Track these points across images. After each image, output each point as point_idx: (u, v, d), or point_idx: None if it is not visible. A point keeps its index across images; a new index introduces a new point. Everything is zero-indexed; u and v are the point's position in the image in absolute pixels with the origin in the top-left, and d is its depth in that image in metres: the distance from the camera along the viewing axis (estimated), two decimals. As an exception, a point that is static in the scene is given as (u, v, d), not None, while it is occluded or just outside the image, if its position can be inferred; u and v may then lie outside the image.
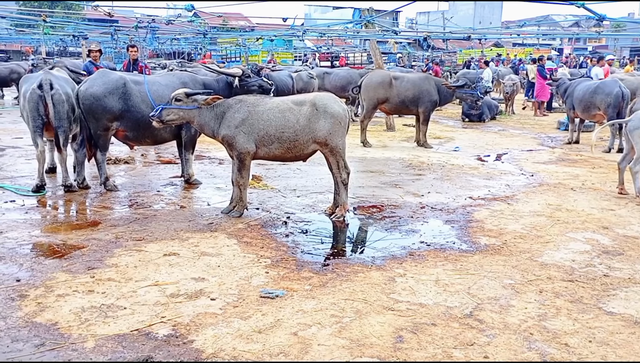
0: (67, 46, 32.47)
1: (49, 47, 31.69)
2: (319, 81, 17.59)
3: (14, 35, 25.29)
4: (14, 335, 4.10)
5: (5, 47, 41.42)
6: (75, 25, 18.05)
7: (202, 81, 8.57)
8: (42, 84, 7.86)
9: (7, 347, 3.93)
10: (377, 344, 4.04)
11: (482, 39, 25.07)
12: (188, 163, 8.86)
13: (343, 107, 7.16)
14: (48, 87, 7.86)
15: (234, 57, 36.25)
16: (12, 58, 32.60)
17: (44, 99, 7.85)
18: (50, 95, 7.86)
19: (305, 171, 9.89)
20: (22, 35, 26.31)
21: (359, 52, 41.70)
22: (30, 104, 7.90)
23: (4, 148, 11.99)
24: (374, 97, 13.04)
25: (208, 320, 4.38)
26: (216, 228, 6.71)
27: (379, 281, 5.21)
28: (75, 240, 6.25)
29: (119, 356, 3.84)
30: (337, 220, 7.16)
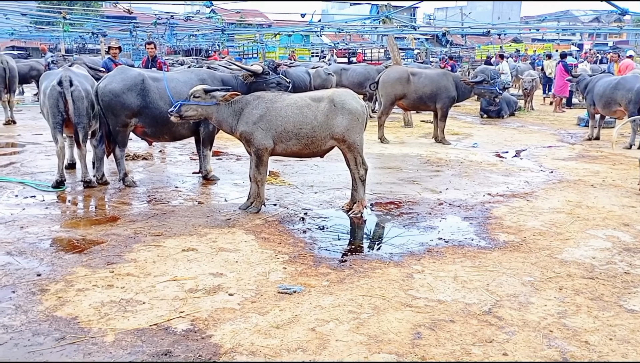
0: (86, 43, 32.76)
1: (68, 45, 32.00)
2: (336, 77, 17.55)
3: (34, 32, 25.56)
4: (34, 328, 4.15)
5: (25, 44, 41.89)
6: (94, 22, 18.18)
7: (221, 77, 8.60)
8: (62, 80, 7.94)
9: (28, 341, 3.97)
10: (395, 340, 4.03)
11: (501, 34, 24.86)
12: (206, 159, 8.90)
13: (361, 103, 7.14)
14: (68, 83, 7.93)
15: (251, 54, 36.32)
16: (31, 55, 32.96)
17: (63, 95, 7.93)
18: (70, 92, 7.93)
19: (322, 168, 9.89)
20: (42, 33, 26.59)
21: (376, 48, 41.60)
22: (50, 101, 7.98)
23: (24, 144, 12.13)
24: (391, 93, 12.99)
25: (226, 315, 4.40)
26: (234, 224, 6.73)
27: (396, 277, 5.19)
28: (94, 235, 6.31)
29: (138, 350, 3.87)
30: (354, 216, 7.15)
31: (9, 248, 5.83)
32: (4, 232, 6.32)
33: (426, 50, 33.52)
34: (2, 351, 3.83)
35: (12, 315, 4.34)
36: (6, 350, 3.84)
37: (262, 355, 3.82)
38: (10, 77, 14.96)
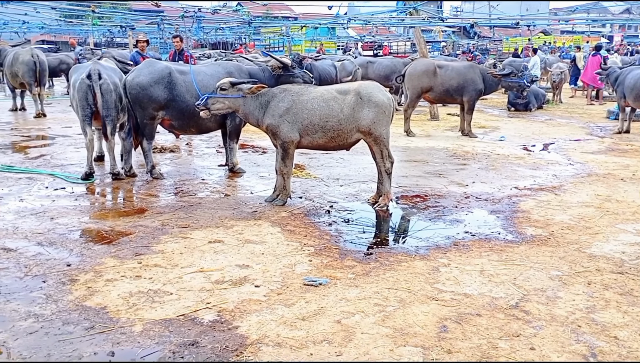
0: (114, 37, 33.11)
1: (97, 38, 32.40)
2: (362, 70, 17.48)
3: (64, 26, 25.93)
4: (65, 318, 4.22)
5: (54, 38, 42.52)
6: (122, 16, 18.38)
7: (248, 70, 8.63)
8: (90, 74, 8.04)
9: (59, 330, 4.05)
10: (421, 333, 4.01)
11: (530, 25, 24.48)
12: (232, 151, 8.95)
13: (388, 96, 7.10)
14: (96, 77, 8.03)
15: (277, 47, 36.36)
16: (61, 49, 33.44)
17: (92, 88, 8.03)
18: (98, 85, 8.03)
19: (348, 160, 9.87)
20: (71, 27, 26.95)
21: (402, 41, 41.30)
22: (79, 94, 8.10)
23: (54, 137, 12.34)
24: (417, 86, 12.90)
25: (252, 307, 4.43)
26: (260, 216, 6.77)
27: (422, 270, 5.17)
28: (122, 226, 6.39)
29: (166, 340, 3.91)
30: (380, 209, 7.13)
31: (40, 238, 5.95)
32: (35, 223, 6.44)
33: (453, 42, 33.20)
34: (33, 339, 3.91)
35: (43, 305, 4.43)
36: (37, 339, 3.92)
37: (288, 347, 3.84)
38: (40, 71, 15.21)
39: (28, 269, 5.12)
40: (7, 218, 6.62)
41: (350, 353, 3.76)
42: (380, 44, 39.18)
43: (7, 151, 10.75)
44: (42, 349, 3.78)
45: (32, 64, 15.01)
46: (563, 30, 54.37)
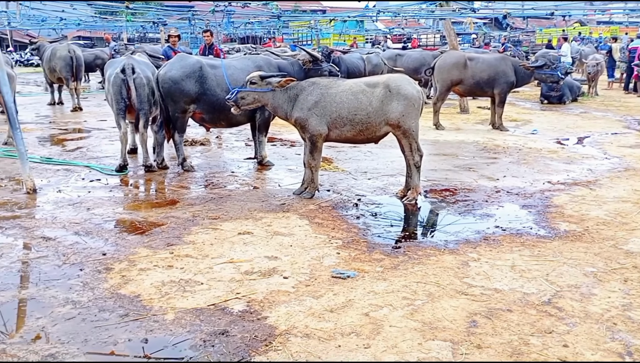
0: (147, 32, 33.53)
1: (130, 34, 32.86)
2: (391, 63, 17.40)
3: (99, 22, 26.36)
4: (100, 305, 4.34)
5: (90, 34, 43.23)
6: (155, 11, 18.62)
7: (277, 64, 8.68)
8: (124, 68, 8.20)
9: (95, 316, 4.16)
10: (450, 328, 4.02)
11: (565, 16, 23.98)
12: (261, 145, 9.03)
13: (417, 88, 7.08)
14: (130, 71, 8.18)
15: (306, 41, 36.36)
16: (96, 45, 33.99)
17: (126, 82, 8.19)
18: (132, 79, 8.18)
19: (376, 154, 9.87)
20: (106, 23, 27.38)
21: (432, 33, 40.93)
22: (114, 88, 8.26)
23: (89, 130, 12.60)
24: (447, 78, 12.80)
25: (281, 298, 4.48)
26: (288, 209, 6.82)
27: (451, 265, 5.16)
28: (155, 217, 6.51)
29: (197, 329, 4.00)
30: (408, 203, 7.12)
31: (77, 228, 6.10)
32: (72, 213, 6.61)
33: (484, 34, 32.79)
34: (71, 325, 4.03)
35: (80, 292, 4.56)
36: (75, 325, 4.04)
37: (316, 338, 3.88)
38: (77, 66, 15.55)
39: (66, 257, 5.27)
40: (46, 208, 6.81)
41: (378, 345, 3.79)
42: (409, 36, 38.93)
43: (46, 144, 11.03)
44: (80, 335, 3.90)
45: (69, 60, 15.36)
46: (600, 21, 53.15)
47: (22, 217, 6.50)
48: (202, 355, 3.67)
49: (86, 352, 3.70)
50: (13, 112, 7.58)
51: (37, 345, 3.79)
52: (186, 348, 3.76)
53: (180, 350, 3.75)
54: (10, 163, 9.10)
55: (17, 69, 18.60)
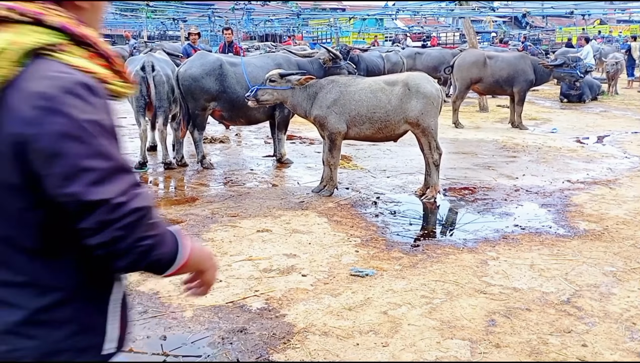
0: (167, 30, 33.76)
1: (150, 31, 33.10)
2: (410, 61, 17.33)
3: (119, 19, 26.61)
4: (120, 301, 4.37)
5: (110, 31, 43.62)
6: (175, 8, 18.75)
7: (297, 62, 8.69)
8: (144, 66, 8.25)
9: (114, 312, 4.19)
10: (469, 327, 3.99)
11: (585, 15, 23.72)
12: (280, 142, 9.04)
13: (436, 87, 7.05)
14: (150, 68, 8.24)
15: (325, 39, 36.37)
16: (116, 42, 34.27)
17: (146, 80, 8.24)
18: (152, 76, 8.23)
19: (395, 152, 9.84)
20: (126, 20, 27.61)
21: (451, 31, 40.68)
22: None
23: (109, 127, 12.67)
24: (467, 77, 12.72)
25: (299, 296, 4.49)
26: (307, 207, 6.83)
27: (470, 263, 5.13)
28: (174, 214, 6.55)
29: (215, 326, 4.01)
30: (427, 201, 7.09)
31: (96, 225, 6.14)
32: (91, 210, 6.66)
33: (504, 32, 32.52)
34: (90, 321, 4.06)
35: (99, 288, 4.59)
36: (94, 321, 4.07)
37: (335, 336, 3.88)
38: (96, 64, 15.63)
39: (85, 254, 5.31)
40: (65, 205, 6.87)
41: (396, 344, 3.78)
42: (429, 34, 38.74)
43: (64, 141, 11.12)
44: (99, 331, 3.92)
45: (88, 57, 15.45)
46: (620, 20, 52.46)
47: (44, 213, 6.56)
48: (221, 353, 3.69)
49: (106, 347, 3.72)
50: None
51: (58, 339, 3.82)
52: (204, 346, 3.78)
53: (199, 347, 3.77)
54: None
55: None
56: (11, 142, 1.32)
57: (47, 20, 1.37)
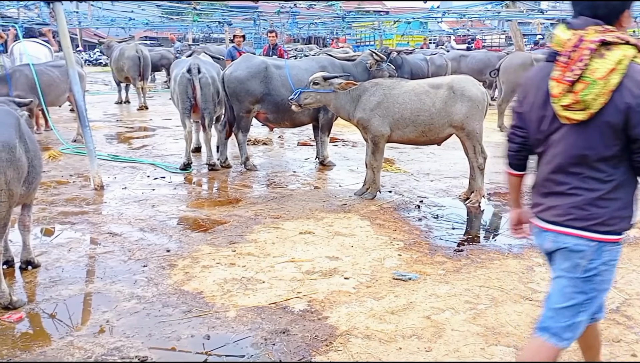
0: (211, 32, 34.23)
1: (195, 34, 33.64)
2: (454, 64, 17.13)
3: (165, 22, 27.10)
4: (164, 300, 4.44)
5: (156, 34, 44.49)
6: (221, 12, 19.00)
7: (341, 64, 8.69)
8: (190, 68, 8.38)
9: (159, 312, 4.26)
10: (514, 333, 3.91)
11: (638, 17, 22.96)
12: (323, 145, 9.06)
13: (482, 90, 6.94)
14: (196, 71, 8.36)
15: (368, 42, 36.27)
16: (162, 45, 34.92)
17: (192, 82, 8.37)
18: (197, 78, 8.35)
19: (438, 155, 9.73)
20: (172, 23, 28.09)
21: (496, 34, 40.03)
22: (180, 87, 8.46)
23: (155, 129, 12.95)
24: (513, 80, 12.48)
25: (342, 298, 4.47)
26: (349, 209, 6.81)
27: (516, 269, 5.03)
28: (218, 215, 6.63)
29: (258, 327, 4.03)
30: (471, 206, 6.99)
31: (142, 224, 6.28)
32: (138, 210, 6.80)
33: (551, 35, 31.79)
34: (136, 320, 4.14)
35: (145, 287, 4.68)
36: (139, 319, 4.15)
37: (377, 339, 3.85)
38: (144, 66, 15.99)
39: (131, 253, 5.43)
40: (112, 205, 7.04)
41: (439, 349, 3.73)
42: (474, 37, 38.21)
43: (113, 141, 11.41)
44: (144, 329, 4.00)
45: (136, 59, 15.82)
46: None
47: (90, 213, 6.73)
48: (263, 353, 3.71)
49: (150, 346, 3.79)
50: (83, 111, 7.87)
51: (102, 338, 3.90)
52: (247, 346, 3.80)
53: (242, 347, 3.80)
54: (79, 159, 9.45)
55: (86, 68, 19.30)
56: (624, 107, 2.35)
57: (630, 40, 2.37)
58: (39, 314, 4.28)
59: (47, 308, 4.35)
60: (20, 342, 3.87)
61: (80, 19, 21.55)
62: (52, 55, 12.77)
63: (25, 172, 4.40)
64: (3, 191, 4.17)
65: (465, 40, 37.56)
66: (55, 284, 4.77)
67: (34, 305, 4.41)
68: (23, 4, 10.59)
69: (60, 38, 7.76)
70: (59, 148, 10.09)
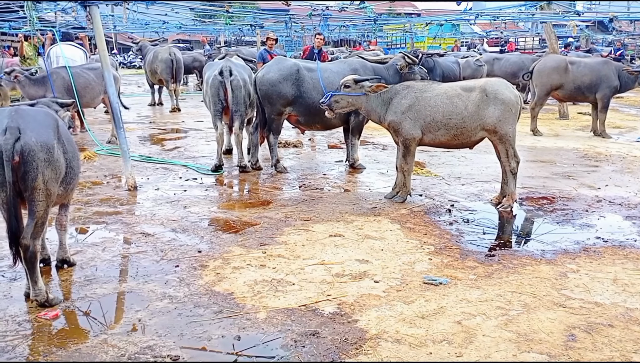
0: (243, 35, 34.51)
1: (227, 37, 33.94)
2: (488, 66, 16.95)
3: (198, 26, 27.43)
4: (196, 301, 4.49)
5: (189, 37, 45.00)
6: (253, 15, 19.15)
7: (373, 67, 8.68)
8: (222, 70, 8.46)
9: (190, 312, 4.31)
10: (547, 341, 3.86)
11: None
12: (354, 148, 9.05)
13: (515, 93, 6.86)
14: (228, 73, 8.44)
15: (399, 44, 36.10)
16: (193, 48, 35.33)
17: (224, 84, 8.45)
18: (229, 81, 8.42)
19: (470, 159, 9.64)
20: (205, 26, 28.41)
21: (530, 36, 39.53)
22: (212, 90, 8.55)
23: (187, 130, 13.10)
24: (547, 83, 12.32)
25: (372, 302, 4.47)
26: (379, 213, 6.79)
27: (549, 275, 4.96)
28: (248, 217, 6.67)
29: (288, 329, 4.05)
30: (504, 210, 6.90)
31: (174, 225, 6.36)
32: (170, 211, 6.89)
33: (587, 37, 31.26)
34: (168, 319, 4.20)
35: (176, 287, 4.74)
36: (171, 319, 4.21)
37: (407, 344, 3.83)
38: (176, 68, 16.19)
39: (164, 253, 5.50)
40: (145, 205, 7.15)
41: (470, 355, 3.70)
42: (506, 39, 37.78)
43: (146, 143, 11.58)
44: (176, 329, 4.05)
45: (169, 62, 16.03)
46: None
47: (124, 213, 6.84)
48: (293, 355, 3.72)
49: (181, 346, 3.84)
50: (118, 112, 8.00)
51: (135, 336, 3.96)
52: (277, 348, 3.82)
53: (272, 348, 3.82)
54: (113, 160, 9.62)
55: (120, 70, 19.62)
56: None
57: None
58: (74, 312, 4.37)
59: (81, 306, 4.45)
60: (56, 339, 3.95)
61: (115, 22, 21.94)
62: (86, 58, 13.05)
63: (63, 172, 4.50)
64: (41, 191, 4.28)
65: (498, 42, 37.15)
66: (89, 282, 4.86)
67: (69, 302, 4.51)
68: (61, 6, 10.85)
69: (96, 41, 7.92)
70: (94, 149, 10.28)
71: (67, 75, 9.95)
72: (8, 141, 4.09)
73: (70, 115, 5.77)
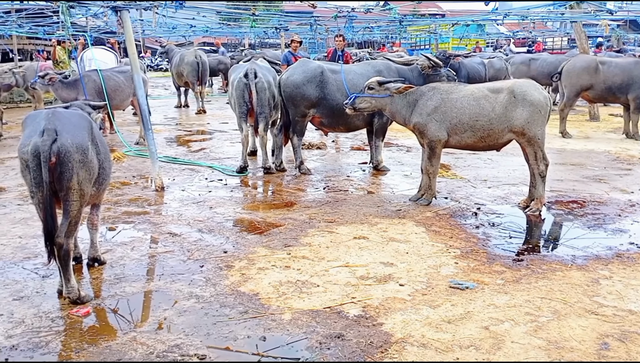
0: (267, 38, 34.67)
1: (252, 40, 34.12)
2: (524, 67, 16.67)
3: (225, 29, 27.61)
4: (222, 301, 4.50)
5: (214, 40, 45.33)
6: (278, 18, 19.23)
7: (396, 69, 8.62)
8: (247, 73, 8.48)
9: (217, 311, 4.32)
10: (578, 348, 3.77)
11: None
12: (377, 149, 9.00)
13: (544, 94, 6.75)
14: (252, 75, 8.46)
15: (424, 45, 35.89)
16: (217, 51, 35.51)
17: (249, 87, 8.47)
18: (254, 83, 8.44)
19: (496, 161, 9.52)
20: (230, 29, 28.59)
21: (558, 36, 38.98)
22: (237, 92, 8.58)
23: (212, 132, 13.17)
24: (577, 83, 12.11)
25: (397, 305, 4.42)
26: (404, 215, 6.73)
27: (580, 281, 4.85)
28: (273, 218, 6.67)
29: (313, 330, 4.03)
30: (532, 214, 6.79)
31: (200, 226, 6.38)
32: (196, 211, 6.92)
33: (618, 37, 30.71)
34: (194, 318, 4.21)
35: (203, 287, 4.75)
36: (198, 318, 4.21)
37: (433, 348, 3.78)
38: (202, 71, 16.33)
39: (190, 253, 5.53)
40: (172, 206, 7.19)
41: (499, 361, 3.63)
42: (534, 40, 37.31)
43: (172, 144, 11.67)
44: (202, 328, 4.06)
45: (195, 65, 16.17)
46: None
47: (151, 213, 6.89)
48: (318, 357, 3.69)
49: (208, 345, 3.84)
50: (146, 114, 8.08)
51: (163, 335, 3.98)
52: (302, 349, 3.80)
53: (297, 350, 3.80)
54: (141, 161, 9.71)
55: (148, 73, 19.83)
56: None
57: None
58: (104, 309, 4.42)
59: (111, 304, 4.49)
60: (87, 336, 4.00)
61: (144, 26, 22.19)
62: (117, 60, 13.24)
63: (96, 173, 4.61)
64: (76, 191, 4.38)
65: (525, 43, 36.70)
66: (119, 281, 4.91)
67: (99, 300, 4.57)
68: (93, 12, 11.04)
69: (126, 45, 8.00)
70: (123, 150, 10.39)
71: (98, 78, 10.09)
72: (46, 143, 4.21)
73: (101, 117, 5.86)
